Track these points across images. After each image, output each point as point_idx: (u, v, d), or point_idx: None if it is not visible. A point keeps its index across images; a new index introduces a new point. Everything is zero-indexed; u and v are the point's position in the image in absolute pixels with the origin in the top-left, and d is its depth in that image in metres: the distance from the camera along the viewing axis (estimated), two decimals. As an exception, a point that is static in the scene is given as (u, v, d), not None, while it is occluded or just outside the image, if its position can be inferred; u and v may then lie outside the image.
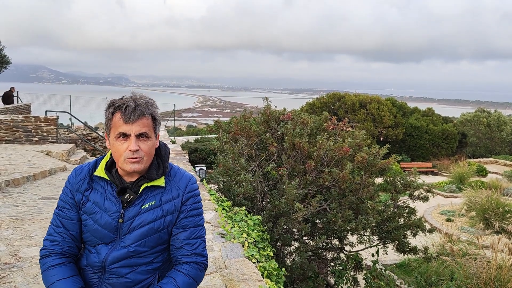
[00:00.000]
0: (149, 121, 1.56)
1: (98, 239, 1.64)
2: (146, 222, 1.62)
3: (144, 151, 1.55)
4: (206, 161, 17.88)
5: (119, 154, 1.55)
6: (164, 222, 1.64)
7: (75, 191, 1.67)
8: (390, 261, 9.12)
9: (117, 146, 1.55)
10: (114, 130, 1.55)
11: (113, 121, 1.55)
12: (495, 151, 30.27)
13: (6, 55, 21.32)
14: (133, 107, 1.52)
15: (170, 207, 1.66)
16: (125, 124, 1.52)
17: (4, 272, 3.38)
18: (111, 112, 1.55)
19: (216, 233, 4.25)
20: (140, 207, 1.62)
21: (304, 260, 5.93)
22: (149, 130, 1.56)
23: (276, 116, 7.49)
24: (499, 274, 5.36)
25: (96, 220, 1.63)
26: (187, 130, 46.42)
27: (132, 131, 1.52)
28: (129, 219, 1.61)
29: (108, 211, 1.62)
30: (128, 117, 1.51)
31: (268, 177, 7.17)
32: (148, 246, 1.63)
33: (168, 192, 1.66)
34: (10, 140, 11.47)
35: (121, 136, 1.54)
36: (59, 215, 1.69)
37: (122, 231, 1.62)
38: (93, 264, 1.63)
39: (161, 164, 1.67)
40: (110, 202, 1.63)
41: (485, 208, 11.04)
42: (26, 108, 18.43)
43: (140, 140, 1.55)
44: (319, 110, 26.28)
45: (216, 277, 3.26)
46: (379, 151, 6.82)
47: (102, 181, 1.66)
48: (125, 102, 1.54)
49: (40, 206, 5.71)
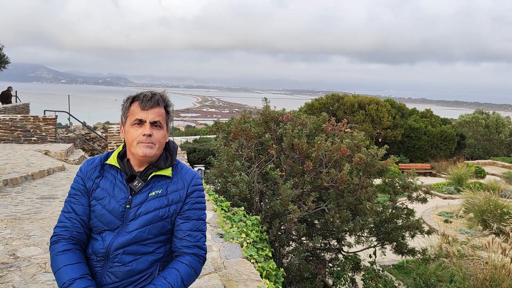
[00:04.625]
0: (162, 111, 1.71)
1: (104, 225, 1.71)
2: (152, 209, 1.70)
3: (156, 138, 1.68)
4: (205, 162, 17.88)
5: (133, 139, 1.68)
6: (169, 211, 1.73)
7: (87, 178, 1.77)
8: (388, 262, 9.13)
9: (132, 132, 1.68)
10: (131, 117, 1.69)
11: (131, 109, 1.70)
12: (493, 153, 30.32)
13: (5, 54, 21.29)
14: (150, 96, 1.69)
15: (176, 197, 1.75)
16: (141, 111, 1.67)
17: (2, 271, 3.37)
18: (129, 102, 1.72)
19: (215, 233, 4.25)
20: (147, 194, 1.72)
21: (301, 260, 5.93)
22: (162, 120, 1.71)
23: (275, 116, 7.49)
24: (494, 274, 5.38)
25: (104, 205, 1.71)
26: (186, 131, 46.36)
27: (147, 117, 1.66)
28: (136, 205, 1.70)
29: (116, 197, 1.71)
30: (145, 104, 1.67)
31: (267, 178, 7.17)
32: (151, 233, 1.70)
33: (174, 183, 1.77)
34: (8, 139, 11.46)
35: (137, 123, 1.67)
36: (70, 202, 1.77)
37: (128, 217, 1.69)
38: (98, 251, 1.69)
39: (169, 156, 1.79)
40: (119, 189, 1.72)
41: (483, 209, 11.06)
42: (24, 107, 18.41)
43: (154, 128, 1.68)
44: (318, 111, 26.29)
45: (215, 277, 3.26)
46: (378, 152, 6.83)
47: (112, 170, 1.76)
48: (143, 93, 1.72)
49: (39, 205, 5.71)
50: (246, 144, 7.10)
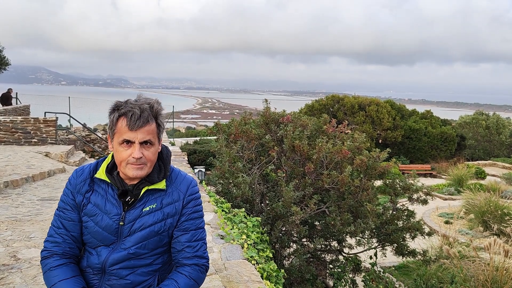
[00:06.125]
0: (153, 127, 1.56)
1: (98, 241, 1.64)
2: (147, 225, 1.63)
3: (147, 158, 1.56)
4: (205, 163, 17.87)
5: (122, 159, 1.56)
6: (165, 225, 1.65)
7: (76, 192, 1.67)
8: (389, 263, 9.12)
9: (121, 152, 1.55)
10: (118, 136, 1.54)
11: (118, 127, 1.54)
12: (493, 154, 30.31)
13: (5, 56, 21.30)
14: (139, 114, 1.51)
15: (171, 210, 1.66)
16: (129, 131, 1.52)
17: (3, 273, 3.37)
18: (115, 117, 1.54)
19: (215, 235, 4.25)
20: (141, 209, 1.63)
21: (303, 262, 5.92)
22: (153, 137, 1.56)
23: (275, 118, 7.49)
24: (496, 276, 5.37)
25: (97, 222, 1.63)
26: (186, 132, 46.36)
27: (136, 138, 1.52)
28: (130, 221, 1.62)
29: (109, 214, 1.62)
30: (134, 125, 1.51)
31: (267, 179, 7.17)
32: (148, 248, 1.64)
33: (169, 195, 1.67)
34: (9, 141, 11.46)
35: (125, 143, 1.54)
36: (60, 216, 1.68)
37: (122, 234, 1.62)
38: (93, 265, 1.64)
39: (163, 167, 1.68)
40: (111, 204, 1.63)
41: (484, 210, 11.04)
42: (25, 109, 18.41)
43: (144, 147, 1.55)
44: (318, 112, 26.30)
45: (216, 278, 3.27)
46: (380, 155, 6.81)
47: (103, 184, 1.66)
48: (131, 109, 1.52)
49: (39, 207, 5.71)
50: (247, 145, 7.10)
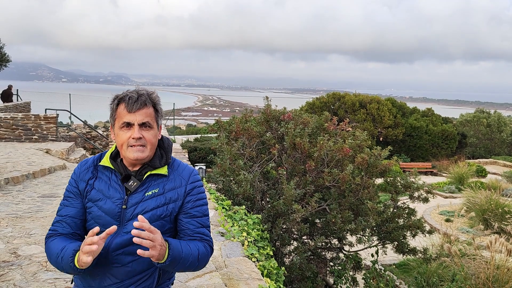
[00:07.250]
0: (151, 111, 1.66)
1: (101, 226, 1.66)
2: (149, 209, 1.67)
3: (146, 139, 1.64)
4: (206, 160, 17.88)
5: (122, 142, 1.64)
6: (167, 210, 1.69)
7: (80, 180, 1.74)
8: (389, 261, 9.12)
9: (121, 135, 1.64)
10: (119, 120, 1.65)
11: (118, 112, 1.65)
12: (494, 152, 30.28)
13: (6, 53, 21.29)
14: (136, 97, 1.63)
15: (173, 195, 1.71)
16: (128, 113, 1.62)
17: (3, 270, 3.37)
18: (115, 103, 1.66)
19: (216, 232, 4.24)
20: (144, 194, 1.68)
21: (303, 260, 5.92)
22: (151, 120, 1.66)
23: (276, 115, 7.48)
24: (497, 274, 5.36)
25: (100, 206, 1.68)
26: (187, 129, 46.39)
27: (135, 120, 1.62)
28: (132, 205, 1.67)
29: (112, 198, 1.68)
30: (132, 107, 1.62)
31: (268, 177, 7.16)
32: None
33: (171, 181, 1.73)
34: (9, 138, 11.47)
35: (125, 126, 1.63)
36: (64, 204, 1.75)
37: (125, 218, 1.66)
38: None
39: (164, 155, 1.75)
40: (114, 189, 1.69)
41: (485, 208, 11.04)
42: (26, 106, 18.42)
43: (143, 129, 1.64)
44: (319, 110, 26.27)
45: (216, 275, 3.26)
46: (381, 153, 6.80)
47: (106, 171, 1.73)
48: (128, 94, 1.65)
49: (40, 204, 5.71)
50: (248, 143, 7.09)
